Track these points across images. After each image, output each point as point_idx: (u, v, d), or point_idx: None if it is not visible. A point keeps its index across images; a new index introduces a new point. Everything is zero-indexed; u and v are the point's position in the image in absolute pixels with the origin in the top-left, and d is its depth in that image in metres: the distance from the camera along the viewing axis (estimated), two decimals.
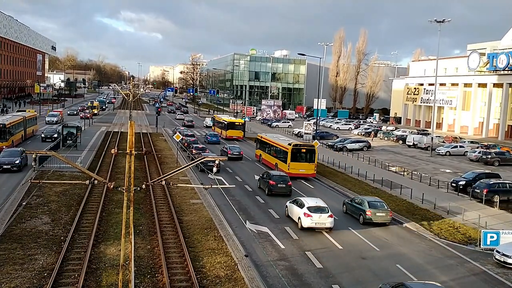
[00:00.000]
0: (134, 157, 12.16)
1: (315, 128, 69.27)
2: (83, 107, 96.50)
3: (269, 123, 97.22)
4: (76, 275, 18.41)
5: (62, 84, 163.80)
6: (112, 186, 12.36)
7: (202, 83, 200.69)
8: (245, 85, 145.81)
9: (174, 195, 31.76)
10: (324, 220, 26.09)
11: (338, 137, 72.95)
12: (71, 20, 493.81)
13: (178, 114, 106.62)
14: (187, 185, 25.07)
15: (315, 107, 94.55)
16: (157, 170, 40.39)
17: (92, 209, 27.55)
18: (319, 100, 74.54)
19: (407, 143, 69.81)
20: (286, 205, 29.15)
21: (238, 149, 50.19)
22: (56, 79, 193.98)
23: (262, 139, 48.85)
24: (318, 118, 67.82)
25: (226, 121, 68.37)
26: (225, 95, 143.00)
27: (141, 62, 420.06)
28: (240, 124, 68.40)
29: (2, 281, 17.60)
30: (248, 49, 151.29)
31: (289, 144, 41.29)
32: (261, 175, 37.02)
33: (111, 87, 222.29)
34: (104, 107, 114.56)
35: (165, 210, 28.19)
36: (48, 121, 72.14)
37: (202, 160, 15.81)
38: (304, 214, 26.15)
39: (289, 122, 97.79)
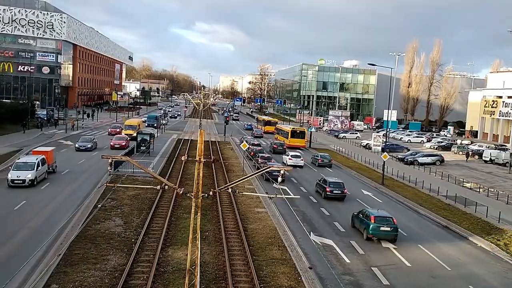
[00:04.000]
0: (202, 165, 12.44)
1: (384, 140, 67.45)
2: (115, 129, 65.48)
3: (336, 134, 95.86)
4: (145, 277, 19.05)
5: (138, 93, 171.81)
6: (181, 192, 12.69)
7: (270, 93, 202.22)
8: (313, 95, 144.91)
9: (239, 203, 32.15)
10: (299, 161, 49.71)
11: (409, 150, 70.48)
12: (148, 32, 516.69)
13: (229, 110, 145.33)
14: (252, 193, 25.25)
15: (385, 118, 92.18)
16: (224, 178, 41.11)
17: (162, 213, 28.49)
18: (390, 111, 72.66)
19: (483, 158, 66.20)
20: (283, 157, 51.84)
21: (260, 131, 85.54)
22: (132, 87, 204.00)
23: (277, 127, 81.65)
24: (388, 129, 65.93)
25: (265, 120, 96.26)
26: (291, 105, 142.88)
27: (212, 72, 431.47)
28: (275, 122, 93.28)
29: (76, 279, 18.57)
30: (316, 59, 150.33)
31: (289, 128, 70.91)
32: (270, 144, 64.35)
33: (182, 96, 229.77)
34: (156, 125, 78.05)
35: (230, 218, 28.60)
36: (11, 181, 32.26)
37: (268, 170, 15.90)
38: (289, 158, 50.03)
39: (357, 133, 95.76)
